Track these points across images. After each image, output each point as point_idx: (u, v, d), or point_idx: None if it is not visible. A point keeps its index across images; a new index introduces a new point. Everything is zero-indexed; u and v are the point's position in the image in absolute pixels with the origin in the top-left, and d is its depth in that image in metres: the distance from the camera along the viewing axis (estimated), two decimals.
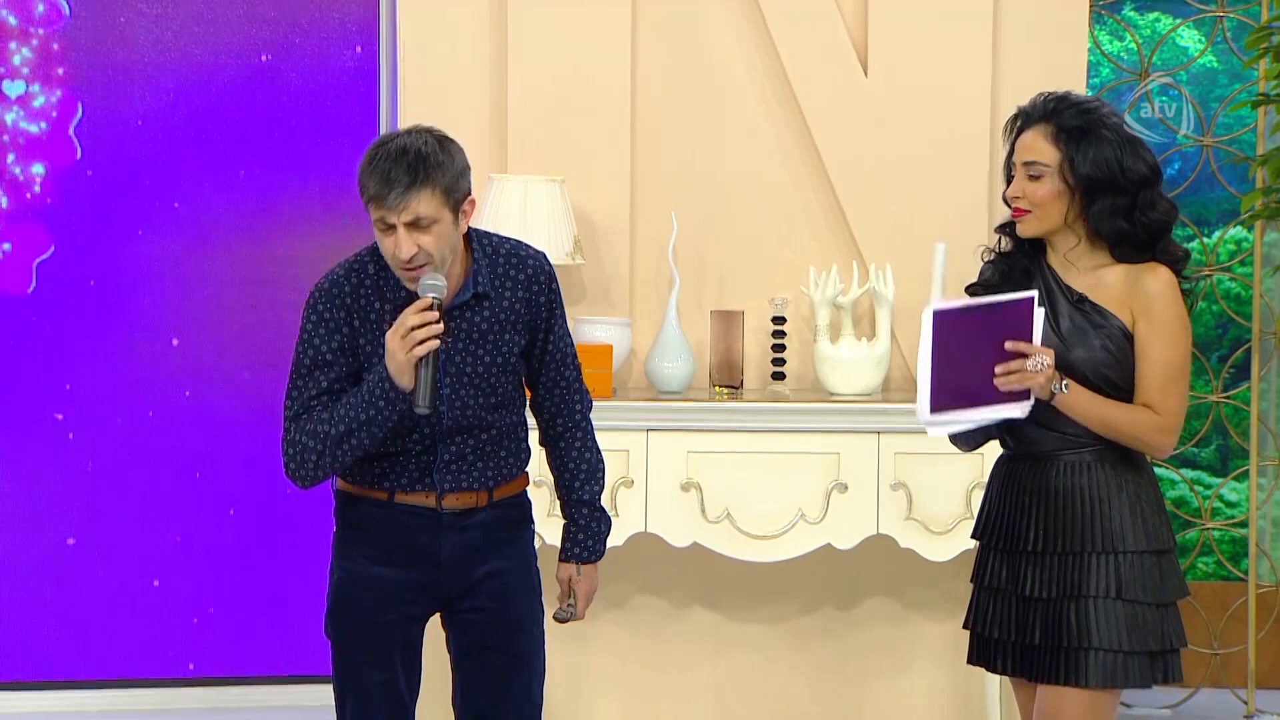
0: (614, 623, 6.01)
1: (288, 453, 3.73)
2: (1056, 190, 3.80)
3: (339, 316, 3.73)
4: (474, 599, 3.79)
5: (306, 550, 6.49)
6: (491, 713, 3.80)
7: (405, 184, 3.59)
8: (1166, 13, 7.18)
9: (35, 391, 6.43)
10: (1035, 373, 3.70)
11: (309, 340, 3.73)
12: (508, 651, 3.81)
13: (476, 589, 3.79)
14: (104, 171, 6.50)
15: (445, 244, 3.66)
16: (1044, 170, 3.80)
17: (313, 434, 3.70)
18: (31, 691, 6.41)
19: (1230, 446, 7.15)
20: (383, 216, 3.63)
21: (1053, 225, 3.83)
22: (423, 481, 3.77)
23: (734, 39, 6.09)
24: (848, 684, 6.12)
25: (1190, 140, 6.94)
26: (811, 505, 5.74)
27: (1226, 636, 6.86)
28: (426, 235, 3.63)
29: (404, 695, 3.81)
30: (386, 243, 3.66)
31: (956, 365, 3.68)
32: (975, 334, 3.68)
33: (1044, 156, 3.80)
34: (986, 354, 3.67)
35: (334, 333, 3.72)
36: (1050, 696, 3.79)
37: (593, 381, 5.67)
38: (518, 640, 3.82)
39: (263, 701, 6.52)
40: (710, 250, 6.07)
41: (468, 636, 3.81)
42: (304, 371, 3.73)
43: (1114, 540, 3.77)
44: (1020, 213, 3.83)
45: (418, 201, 3.60)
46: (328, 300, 3.73)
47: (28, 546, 6.44)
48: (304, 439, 3.70)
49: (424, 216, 3.62)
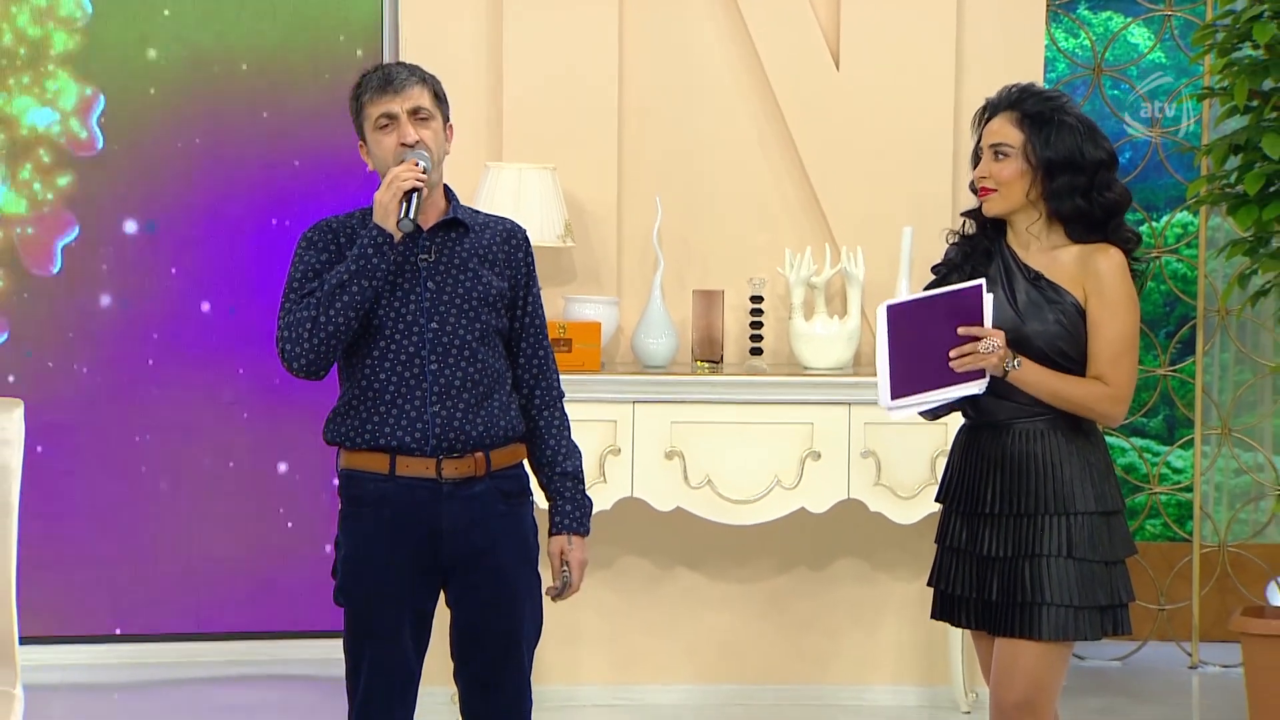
0: (602, 583, 6.02)
1: (282, 336, 3.67)
2: (1020, 170, 3.82)
3: (326, 238, 3.75)
4: (472, 571, 3.75)
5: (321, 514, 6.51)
6: (487, 679, 3.77)
7: (405, 76, 3.74)
8: (1118, 11, 7.19)
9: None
10: (988, 354, 3.72)
11: (299, 259, 3.75)
12: (504, 622, 3.76)
13: (476, 560, 3.74)
14: (124, 160, 6.49)
15: (438, 144, 3.75)
16: (1009, 151, 3.82)
17: (306, 305, 3.66)
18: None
19: (1176, 417, 7.18)
20: (387, 108, 3.71)
21: (1015, 204, 3.84)
22: (419, 425, 3.69)
23: (714, 36, 6.09)
24: (821, 639, 6.13)
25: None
26: (787, 472, 5.75)
27: (1172, 593, 6.88)
28: (425, 128, 3.73)
29: (412, 664, 3.77)
30: (387, 140, 3.72)
31: (914, 353, 3.70)
32: (929, 322, 3.70)
33: (1009, 139, 3.82)
34: (941, 340, 3.69)
35: (322, 251, 3.73)
36: (1007, 648, 3.80)
37: (582, 356, 5.71)
38: (513, 612, 3.77)
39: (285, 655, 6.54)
40: (692, 233, 6.08)
41: (466, 606, 3.77)
42: (295, 284, 3.72)
43: (1066, 502, 3.78)
44: (987, 192, 3.85)
45: (419, 93, 3.73)
46: (316, 231, 3.78)
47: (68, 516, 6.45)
48: (297, 313, 3.66)
49: (423, 108, 3.73)
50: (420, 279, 3.72)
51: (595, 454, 5.64)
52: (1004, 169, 3.82)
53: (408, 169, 3.66)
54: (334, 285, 3.64)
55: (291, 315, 3.68)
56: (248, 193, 6.52)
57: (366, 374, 3.72)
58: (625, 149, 6.05)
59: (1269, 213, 5.72)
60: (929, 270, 4.04)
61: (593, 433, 5.59)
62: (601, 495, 5.62)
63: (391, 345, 3.70)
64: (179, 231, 6.51)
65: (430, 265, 3.73)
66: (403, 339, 3.70)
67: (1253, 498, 7.06)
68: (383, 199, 3.65)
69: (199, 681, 6.34)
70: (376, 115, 3.72)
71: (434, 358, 3.70)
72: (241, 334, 6.51)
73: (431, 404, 3.70)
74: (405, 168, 3.66)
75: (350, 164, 6.37)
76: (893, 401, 3.71)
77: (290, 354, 3.68)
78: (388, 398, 3.71)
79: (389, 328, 3.70)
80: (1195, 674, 6.71)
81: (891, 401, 3.72)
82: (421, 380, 3.70)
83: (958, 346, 3.72)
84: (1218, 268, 6.84)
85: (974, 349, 3.72)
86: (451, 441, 3.71)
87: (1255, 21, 5.70)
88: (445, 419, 3.70)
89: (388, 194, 3.65)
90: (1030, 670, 3.77)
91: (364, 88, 3.76)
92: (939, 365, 3.69)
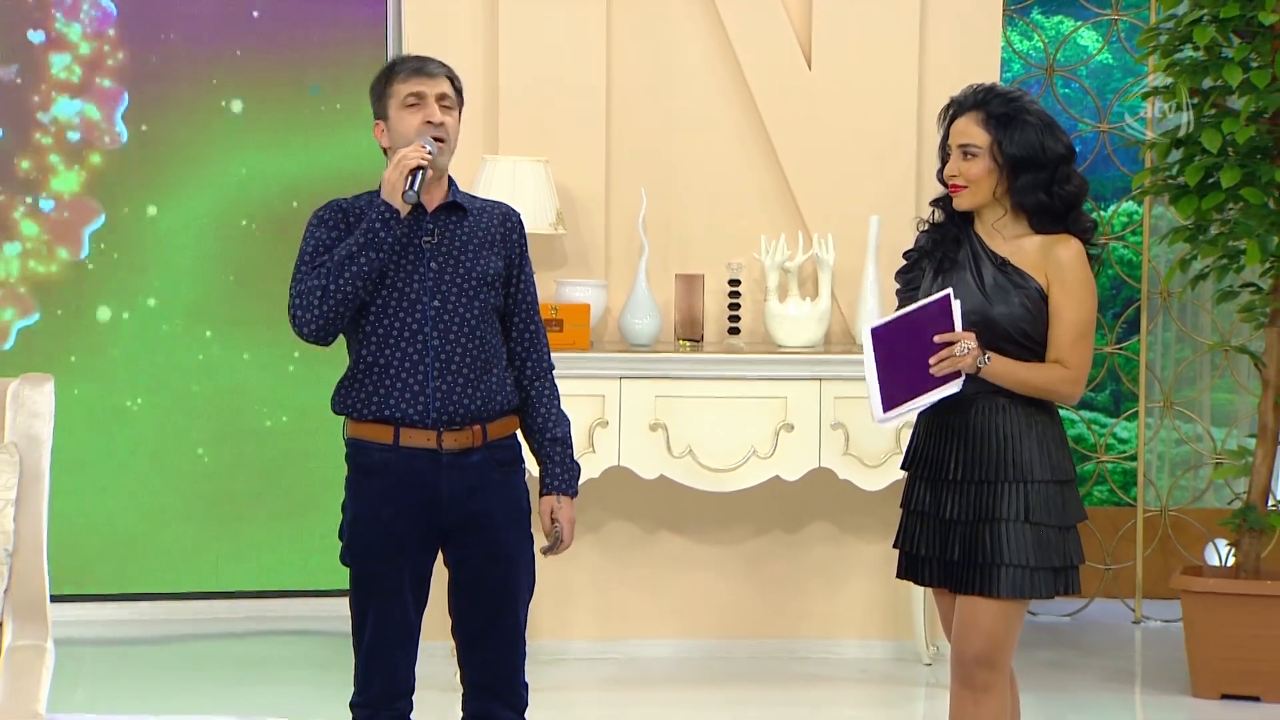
0: (591, 545, 6.02)
1: (293, 304, 3.66)
2: (987, 168, 3.81)
3: (335, 217, 3.75)
4: (470, 534, 3.74)
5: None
6: (484, 633, 3.78)
7: (436, 67, 3.78)
8: (1069, 16, 7.19)
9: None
10: (963, 356, 3.72)
11: (310, 235, 3.74)
12: (498, 581, 3.76)
13: (472, 524, 3.73)
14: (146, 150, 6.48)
15: (454, 134, 3.77)
16: (977, 151, 3.80)
17: (316, 273, 3.66)
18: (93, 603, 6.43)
19: (1122, 391, 7.19)
20: (418, 89, 3.74)
21: (983, 199, 3.83)
22: (421, 399, 3.68)
23: (696, 38, 6.07)
24: (794, 596, 6.14)
25: (1089, 126, 6.95)
26: (762, 443, 5.75)
27: (1117, 554, 6.90)
28: (449, 116, 3.76)
29: (412, 619, 3.76)
30: (414, 118, 3.73)
31: (897, 366, 3.71)
32: (907, 337, 3.71)
33: (976, 139, 3.80)
34: (919, 350, 3.71)
35: (332, 229, 3.73)
36: (967, 605, 3.80)
37: (572, 336, 5.70)
38: (508, 571, 3.76)
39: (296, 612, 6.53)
40: (675, 221, 6.07)
41: (464, 567, 3.76)
42: (306, 258, 3.71)
43: (1023, 471, 3.78)
44: (957, 188, 3.83)
45: (447, 84, 3.77)
46: (326, 209, 3.78)
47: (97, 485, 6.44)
48: (308, 282, 3.65)
49: (449, 96, 3.77)
50: (424, 259, 3.71)
51: (584, 426, 5.63)
52: (972, 167, 3.81)
53: (414, 150, 3.66)
54: (343, 256, 3.63)
55: (303, 284, 3.67)
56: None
57: (372, 348, 3.71)
58: (613, 143, 6.04)
59: (1208, 202, 5.73)
60: (899, 256, 4.03)
61: (582, 406, 5.58)
62: (590, 464, 5.61)
63: (396, 322, 3.69)
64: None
65: (433, 246, 3.72)
66: (406, 316, 3.69)
67: (1192, 466, 7.07)
68: (390, 177, 3.66)
69: (215, 636, 6.34)
70: (406, 94, 3.74)
71: (436, 334, 3.69)
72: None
73: (433, 378, 3.69)
74: (412, 149, 3.67)
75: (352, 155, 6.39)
76: (885, 414, 3.73)
77: (301, 319, 3.66)
78: (392, 371, 3.70)
79: (394, 305, 3.69)
80: (1138, 629, 6.73)
81: (884, 414, 3.73)
82: (424, 355, 3.69)
83: (935, 354, 3.72)
84: (1161, 253, 6.85)
85: (950, 353, 3.72)
86: (451, 415, 3.70)
87: (1195, 25, 5.72)
88: (445, 393, 3.69)
89: (395, 172, 3.65)
90: (989, 626, 3.77)
91: (398, 69, 3.77)
92: (920, 373, 3.71)
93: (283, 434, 6.55)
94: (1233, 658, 5.67)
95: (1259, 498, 5.79)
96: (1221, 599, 5.69)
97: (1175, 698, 5.75)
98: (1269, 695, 5.66)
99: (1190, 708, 5.65)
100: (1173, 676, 5.93)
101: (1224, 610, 5.68)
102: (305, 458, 6.48)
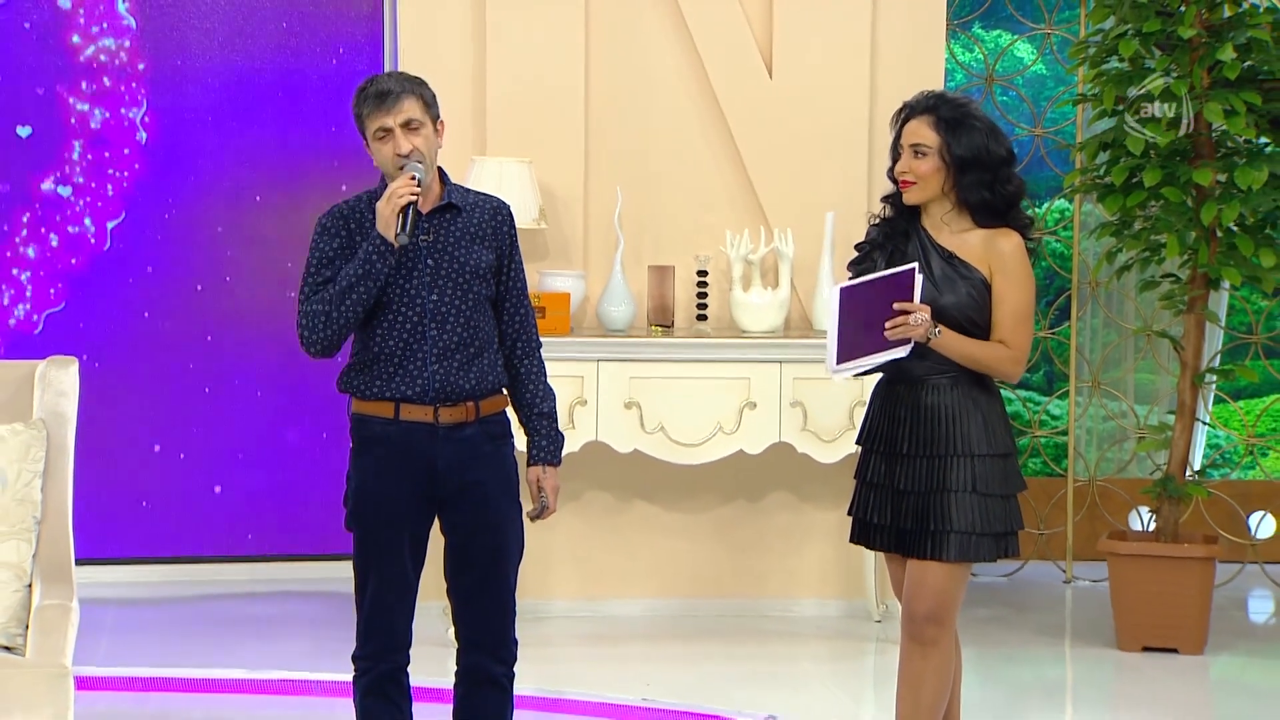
0: (572, 513, 6.00)
1: (301, 324, 3.66)
2: (936, 166, 3.79)
3: (338, 225, 3.71)
4: (463, 501, 3.71)
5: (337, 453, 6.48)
6: (476, 593, 3.76)
7: (397, 92, 3.64)
8: (1007, 30, 7.18)
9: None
10: (917, 325, 3.71)
11: (315, 246, 3.71)
12: (490, 545, 3.73)
13: (465, 493, 3.71)
14: (164, 152, 6.43)
15: (430, 146, 3.67)
16: (927, 151, 3.79)
17: (320, 300, 3.64)
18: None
19: (1055, 372, 7.20)
20: (382, 123, 3.64)
21: (932, 194, 3.82)
22: (420, 380, 3.66)
23: (666, 49, 6.05)
24: (757, 559, 6.13)
25: (1025, 131, 6.95)
26: (727, 419, 5.74)
27: (1050, 520, 6.91)
28: (417, 136, 3.64)
29: (411, 580, 3.74)
30: (385, 149, 3.65)
31: (857, 325, 3.70)
32: (871, 299, 3.70)
33: (927, 140, 3.79)
34: (879, 313, 3.69)
35: (334, 237, 3.69)
36: (918, 568, 3.80)
37: (554, 322, 5.68)
38: (497, 535, 3.74)
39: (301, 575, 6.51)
40: (648, 217, 6.05)
41: (458, 532, 3.74)
42: (312, 270, 3.69)
43: (970, 446, 3.77)
44: (907, 184, 3.82)
45: (409, 105, 3.63)
46: (329, 217, 3.73)
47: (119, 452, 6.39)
48: (314, 307, 3.65)
49: (414, 119, 3.64)
50: (421, 257, 3.69)
51: (565, 404, 5.62)
52: (922, 165, 3.80)
53: (404, 184, 3.60)
54: (343, 288, 3.62)
55: (308, 306, 3.66)
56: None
57: (377, 339, 3.69)
58: (591, 145, 6.02)
59: (1132, 200, 5.74)
60: (851, 248, 4.02)
61: (563, 386, 5.54)
62: (570, 439, 5.60)
63: (399, 316, 3.67)
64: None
65: (429, 245, 3.70)
66: (407, 309, 3.67)
67: (1117, 440, 7.09)
68: (384, 211, 3.60)
69: (228, 597, 6.31)
70: (374, 129, 3.66)
71: (434, 324, 3.68)
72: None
73: (431, 363, 3.67)
74: (402, 183, 3.60)
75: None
76: (837, 366, 3.71)
77: (308, 340, 3.67)
78: (396, 359, 3.68)
79: (395, 300, 3.67)
80: (1069, 588, 6.74)
81: (836, 365, 3.71)
82: (422, 344, 3.67)
83: (892, 319, 3.71)
84: (1089, 247, 6.86)
85: (905, 321, 3.71)
86: (448, 393, 3.69)
87: (1121, 39, 5.72)
88: (443, 376, 3.68)
89: (388, 208, 3.60)
90: (937, 586, 3.77)
91: (362, 104, 3.67)
92: (875, 335, 3.69)
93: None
94: (1153, 614, 5.69)
95: (1177, 469, 5.81)
96: (1143, 561, 5.71)
97: (1101, 650, 5.77)
98: (1185, 647, 5.69)
99: (1115, 659, 5.67)
100: (1099, 631, 5.95)
101: (1146, 571, 5.70)
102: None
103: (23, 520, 3.82)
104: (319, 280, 3.67)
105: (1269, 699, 5.38)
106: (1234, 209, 5.58)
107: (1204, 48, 5.64)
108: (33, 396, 3.96)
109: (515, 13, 5.94)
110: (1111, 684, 5.50)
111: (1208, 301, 5.82)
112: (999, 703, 5.14)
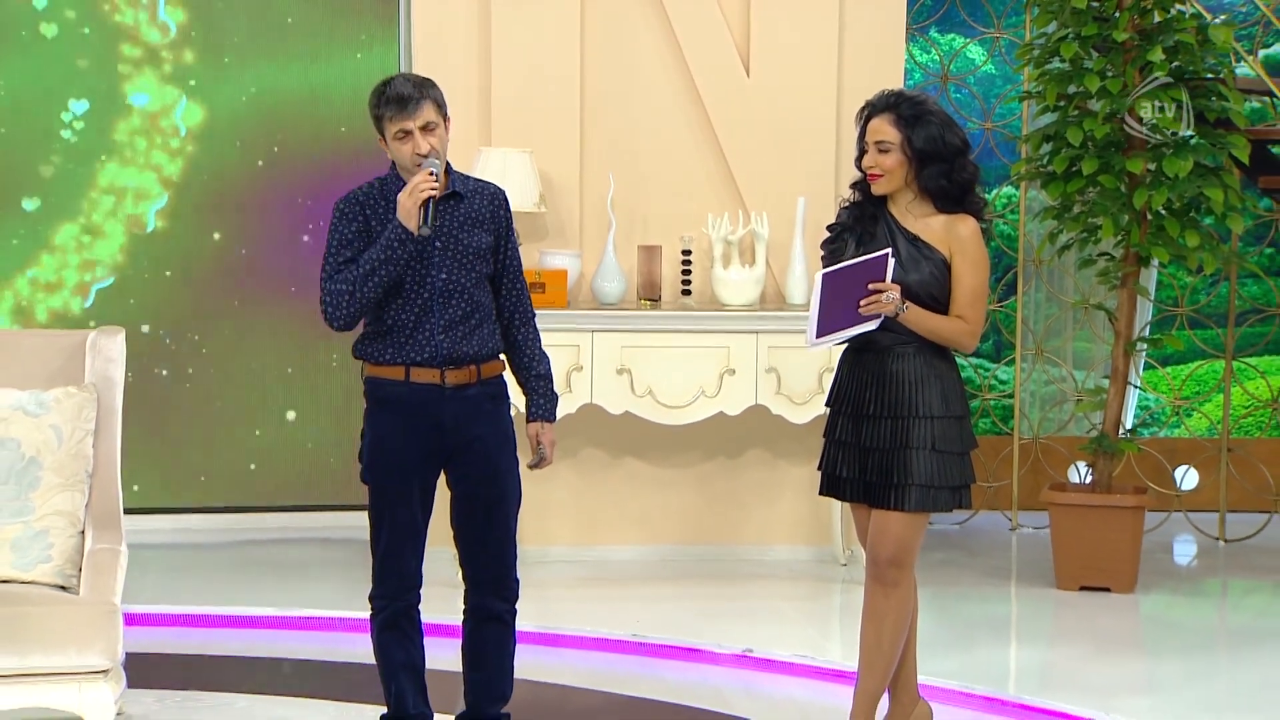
0: (568, 468, 6.00)
1: (325, 301, 3.65)
2: (899, 160, 3.77)
3: (354, 210, 3.69)
4: (467, 454, 3.72)
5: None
6: (480, 538, 3.76)
7: (416, 97, 3.62)
8: (960, 34, 7.15)
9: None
10: (888, 303, 3.70)
11: (335, 229, 3.70)
12: (491, 494, 3.74)
13: (469, 447, 3.71)
14: (201, 144, 6.39)
15: (443, 144, 3.67)
16: (890, 146, 3.77)
17: (344, 279, 3.63)
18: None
19: (1002, 341, 7.20)
20: (403, 125, 3.62)
21: (897, 185, 3.80)
22: (429, 348, 3.66)
23: (654, 53, 6.03)
24: (736, 510, 6.14)
25: (976, 125, 6.93)
26: (709, 384, 5.74)
27: (997, 474, 6.92)
28: (433, 136, 3.64)
29: (420, 526, 3.75)
30: (405, 148, 3.64)
31: (835, 303, 3.69)
32: (849, 282, 3.70)
33: (889, 136, 3.77)
34: (854, 293, 3.69)
35: (352, 221, 3.68)
36: (881, 517, 3.79)
37: (552, 296, 5.66)
38: (498, 486, 3.74)
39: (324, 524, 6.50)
40: (638, 201, 6.03)
41: (462, 483, 3.74)
42: (333, 251, 3.68)
43: (929, 408, 3.76)
44: (875, 177, 3.80)
45: (427, 109, 3.63)
46: (346, 203, 3.72)
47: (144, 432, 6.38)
48: (337, 286, 3.63)
49: (431, 121, 3.63)
50: (430, 241, 3.68)
51: (563, 371, 5.60)
52: (887, 159, 3.78)
53: (425, 180, 3.59)
54: (366, 271, 3.61)
55: (332, 284, 3.65)
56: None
57: (390, 312, 3.70)
58: (586, 138, 5.99)
59: (1071, 187, 5.73)
60: (822, 229, 4.00)
61: (561, 354, 5.55)
62: (567, 402, 5.59)
63: (411, 293, 3.68)
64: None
65: (438, 229, 3.68)
66: (419, 287, 3.68)
67: (1058, 402, 7.10)
68: (406, 203, 3.59)
69: (257, 543, 6.31)
70: (394, 130, 3.64)
71: (440, 300, 3.68)
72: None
73: (438, 334, 3.68)
74: (423, 178, 3.59)
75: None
76: (815, 340, 3.72)
77: (332, 315, 3.66)
78: (407, 330, 3.69)
79: (407, 280, 3.68)
80: (1014, 535, 6.76)
81: (815, 340, 3.72)
82: (431, 317, 3.68)
83: (866, 297, 3.70)
84: (1034, 229, 6.85)
85: (878, 299, 3.70)
86: (453, 359, 3.70)
87: (1062, 41, 5.72)
88: (449, 345, 3.69)
89: (410, 200, 3.59)
90: (899, 534, 3.77)
91: (383, 106, 3.64)
92: (850, 311, 3.70)
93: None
94: (1089, 557, 5.70)
95: (1111, 428, 5.82)
96: (1080, 510, 5.72)
97: (1042, 589, 5.78)
98: (1117, 587, 5.71)
99: (1054, 597, 5.69)
100: (1040, 573, 5.96)
101: (1082, 519, 5.71)
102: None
103: (76, 473, 3.82)
104: (340, 260, 3.67)
105: (1191, 631, 5.42)
106: (1162, 194, 5.58)
107: (1136, 50, 5.63)
108: (84, 363, 3.95)
109: (517, 20, 5.91)
110: (1051, 619, 5.52)
111: (1139, 277, 5.82)
112: (951, 636, 5.16)
